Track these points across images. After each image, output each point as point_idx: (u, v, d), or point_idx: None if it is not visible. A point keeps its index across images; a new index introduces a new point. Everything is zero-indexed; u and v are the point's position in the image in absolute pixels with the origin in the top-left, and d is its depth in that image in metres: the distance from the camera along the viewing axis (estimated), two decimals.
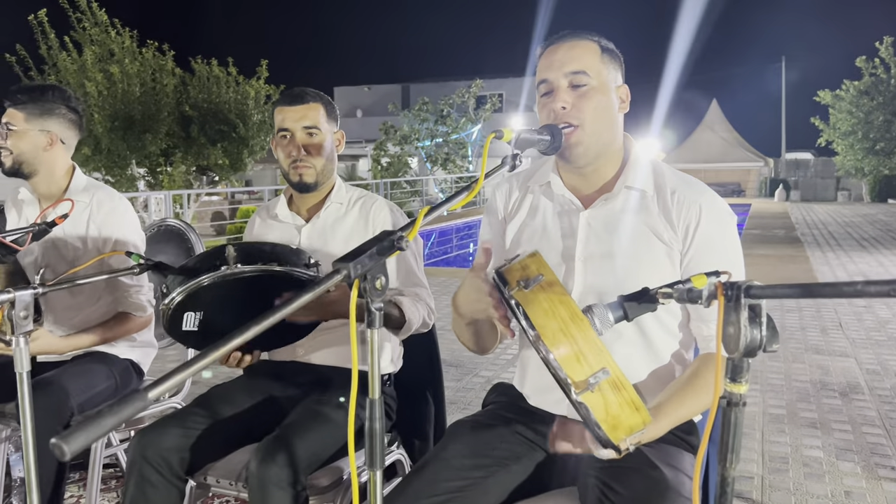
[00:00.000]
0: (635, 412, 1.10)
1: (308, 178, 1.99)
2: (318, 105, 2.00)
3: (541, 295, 1.10)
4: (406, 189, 22.73)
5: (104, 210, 2.27)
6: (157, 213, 11.02)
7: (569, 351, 1.07)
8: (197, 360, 0.83)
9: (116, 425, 0.67)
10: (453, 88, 25.02)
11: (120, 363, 2.37)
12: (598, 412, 1.08)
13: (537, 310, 1.09)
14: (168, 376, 0.75)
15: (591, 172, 1.59)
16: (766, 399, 4.01)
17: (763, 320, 0.90)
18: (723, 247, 1.52)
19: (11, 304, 1.42)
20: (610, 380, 1.07)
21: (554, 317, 1.08)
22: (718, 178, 34.03)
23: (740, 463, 3.01)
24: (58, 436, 0.64)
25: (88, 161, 13.08)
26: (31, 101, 2.22)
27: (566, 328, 1.07)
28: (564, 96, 1.50)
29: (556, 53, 1.52)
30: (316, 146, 1.98)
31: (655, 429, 1.37)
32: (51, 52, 13.14)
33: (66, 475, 2.16)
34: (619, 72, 1.58)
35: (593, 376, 1.06)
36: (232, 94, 14.46)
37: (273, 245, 1.71)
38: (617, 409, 1.08)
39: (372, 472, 1.06)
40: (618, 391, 1.08)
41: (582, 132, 1.50)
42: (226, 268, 1.58)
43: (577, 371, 1.07)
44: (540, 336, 1.07)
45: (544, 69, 1.53)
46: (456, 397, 4.09)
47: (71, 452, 0.64)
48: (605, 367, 1.07)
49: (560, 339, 1.07)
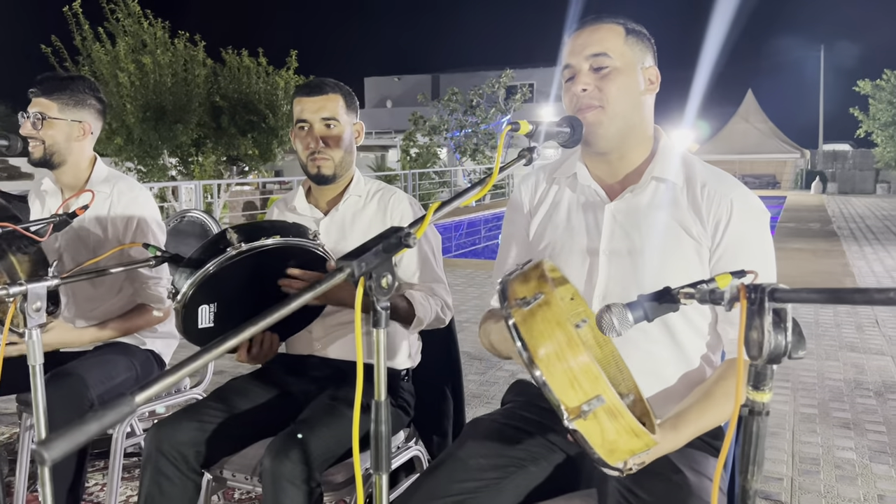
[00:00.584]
0: (634, 438, 1.05)
1: (326, 171, 1.96)
2: (338, 96, 1.97)
3: (538, 315, 1.06)
4: (435, 180, 22.68)
5: (124, 200, 2.27)
6: (187, 202, 11.13)
7: (562, 376, 1.03)
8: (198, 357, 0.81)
9: (100, 431, 0.65)
10: (483, 78, 24.87)
11: (141, 354, 2.37)
12: (594, 438, 1.04)
13: (533, 331, 1.05)
14: (158, 378, 0.72)
15: (616, 159, 1.54)
16: (798, 398, 3.91)
17: (788, 325, 0.85)
18: (754, 246, 1.46)
19: (24, 296, 1.41)
20: (605, 407, 1.02)
21: (550, 340, 1.04)
22: (753, 170, 33.42)
23: (769, 464, 2.95)
24: (39, 442, 0.62)
25: (121, 151, 13.23)
26: (64, 91, 2.22)
27: (561, 352, 1.03)
28: (585, 79, 1.46)
29: (579, 38, 1.50)
30: (334, 138, 1.95)
31: (675, 440, 1.32)
32: (85, 43, 13.29)
33: (86, 465, 2.18)
34: (648, 53, 1.52)
35: (587, 403, 1.02)
36: (262, 85, 14.50)
37: (272, 222, 1.69)
38: (614, 435, 1.04)
39: (378, 476, 1.03)
40: (614, 418, 1.03)
41: (602, 113, 1.46)
42: (230, 249, 1.56)
43: (570, 397, 1.02)
44: (533, 359, 1.03)
45: (568, 54, 1.51)
46: (480, 391, 4.06)
47: (52, 459, 0.61)
48: (599, 394, 1.02)
49: (554, 364, 1.03)
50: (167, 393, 2.46)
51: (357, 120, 2.04)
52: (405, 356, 2.04)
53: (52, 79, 2.23)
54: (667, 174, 1.51)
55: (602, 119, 1.46)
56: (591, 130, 1.46)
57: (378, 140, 32.48)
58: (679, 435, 1.32)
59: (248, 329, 0.86)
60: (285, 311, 0.90)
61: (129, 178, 2.39)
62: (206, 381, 2.67)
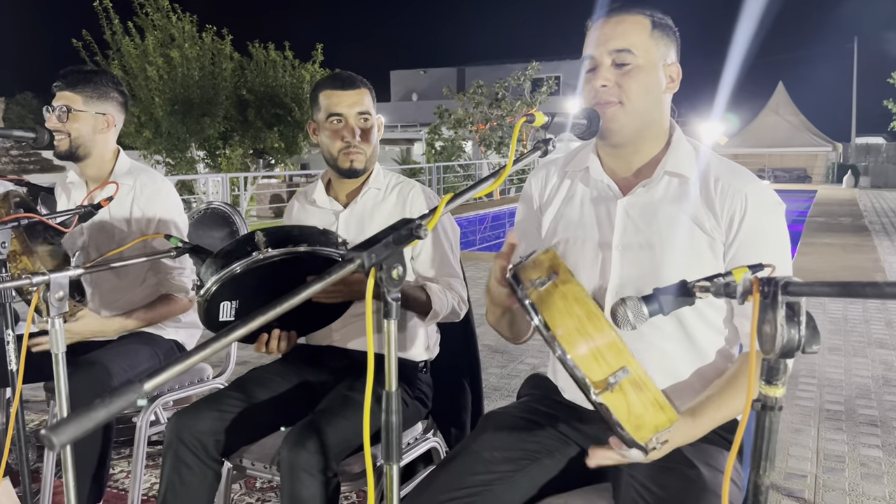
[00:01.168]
0: (660, 411, 1.04)
1: (358, 164, 1.97)
2: (367, 90, 1.99)
3: (556, 293, 1.05)
4: (459, 173, 22.67)
5: (147, 192, 2.30)
6: (214, 195, 11.25)
7: (586, 350, 1.02)
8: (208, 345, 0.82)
9: (108, 418, 0.66)
10: (509, 71, 24.75)
11: (164, 343, 2.41)
12: (620, 412, 1.03)
13: (552, 309, 1.04)
14: (167, 366, 0.73)
15: (631, 153, 1.53)
16: (823, 395, 3.85)
17: (802, 319, 0.84)
18: (769, 239, 1.44)
19: (47, 286, 1.44)
20: (630, 378, 1.02)
21: (570, 316, 1.03)
22: (783, 164, 32.91)
23: (793, 461, 2.91)
24: (47, 427, 0.63)
25: (150, 144, 13.43)
26: (88, 84, 2.26)
27: (582, 327, 1.02)
28: (606, 74, 1.43)
29: (603, 28, 1.46)
30: (369, 132, 1.97)
31: (693, 430, 1.31)
32: (114, 38, 13.49)
33: (110, 452, 2.21)
34: (672, 48, 1.49)
35: (612, 375, 1.01)
36: (288, 79, 14.61)
37: (301, 228, 1.70)
38: (640, 408, 1.03)
39: (388, 467, 1.03)
40: (640, 390, 1.02)
41: (621, 109, 1.44)
42: (257, 253, 1.57)
43: (595, 371, 1.02)
44: (555, 336, 1.02)
45: (590, 44, 1.47)
46: (500, 384, 4.06)
47: (60, 444, 0.63)
48: (624, 365, 1.01)
49: (576, 339, 1.02)
50: (190, 382, 2.49)
51: (378, 115, 2.05)
52: (423, 348, 2.04)
53: (75, 72, 2.26)
54: (680, 168, 1.48)
55: (620, 115, 1.44)
56: (608, 126, 1.45)
57: (403, 133, 32.50)
58: (697, 423, 1.31)
59: (258, 318, 0.87)
60: (295, 301, 0.91)
61: (152, 171, 2.41)
62: (228, 370, 2.70)
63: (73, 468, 1.51)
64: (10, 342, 1.72)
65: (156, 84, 12.92)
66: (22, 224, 1.78)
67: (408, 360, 2.01)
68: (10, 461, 2.67)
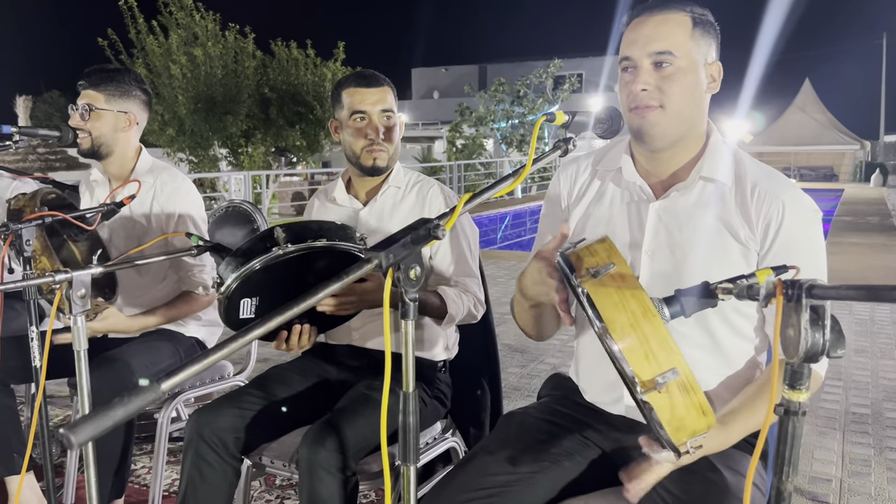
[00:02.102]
0: (702, 416, 1.02)
1: (381, 163, 1.97)
2: (389, 89, 1.99)
3: (611, 285, 1.03)
4: (480, 171, 22.63)
5: (167, 190, 2.32)
6: (236, 192, 11.33)
7: (638, 347, 1.00)
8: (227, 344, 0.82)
9: (126, 417, 0.66)
10: (531, 68, 24.64)
11: (186, 341, 2.43)
12: (663, 413, 1.01)
13: (606, 301, 1.01)
14: (185, 366, 0.73)
15: (668, 157, 1.48)
16: (850, 397, 3.79)
17: (827, 323, 0.82)
18: (805, 248, 1.40)
19: (70, 283, 1.45)
20: (679, 381, 1.00)
21: (624, 310, 1.01)
22: (809, 162, 32.48)
23: (818, 464, 2.87)
24: (66, 426, 0.63)
25: (173, 142, 13.55)
26: (110, 82, 2.28)
27: (636, 323, 1.00)
28: (646, 77, 1.38)
29: (642, 28, 1.40)
30: (392, 130, 1.97)
31: (725, 437, 1.29)
32: (139, 37, 13.63)
33: (131, 447, 2.23)
34: (713, 46, 1.44)
35: (662, 376, 0.99)
36: (310, 77, 14.66)
37: (319, 223, 1.70)
38: (683, 411, 1.01)
39: (405, 468, 1.03)
40: (686, 393, 1.01)
41: (662, 114, 1.39)
42: (277, 248, 1.57)
43: (644, 369, 1.00)
44: (608, 329, 1.00)
45: (628, 45, 1.41)
46: (521, 384, 4.04)
47: (78, 443, 0.63)
48: (675, 367, 0.99)
49: (629, 335, 1.00)
50: (211, 379, 2.51)
51: (399, 112, 2.04)
52: (442, 348, 2.04)
53: (99, 71, 2.28)
54: (715, 174, 1.44)
55: (660, 120, 1.40)
56: (648, 131, 1.41)
57: (424, 131, 32.52)
58: (729, 432, 1.29)
59: (276, 318, 0.87)
60: (310, 302, 0.91)
61: (173, 169, 2.43)
62: (248, 368, 2.71)
63: (95, 464, 1.52)
64: (34, 339, 1.74)
65: (179, 82, 13.04)
66: (46, 222, 1.80)
67: (427, 359, 2.01)
68: (35, 456, 2.71)
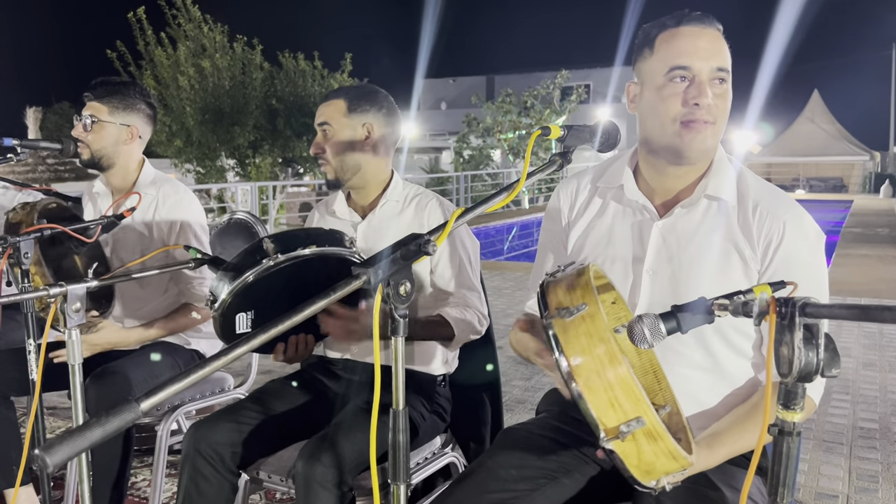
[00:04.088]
0: (672, 461, 1.01)
1: (328, 175, 2.00)
2: (340, 100, 1.97)
3: (581, 328, 1.01)
4: (487, 182, 22.64)
5: (169, 203, 2.32)
6: (243, 203, 11.37)
7: (602, 394, 0.98)
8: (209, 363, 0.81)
9: (103, 437, 0.65)
10: (539, 79, 24.68)
11: (185, 353, 2.42)
12: (630, 459, 1.00)
13: (574, 345, 1.00)
14: (165, 385, 0.72)
15: (681, 174, 1.46)
16: (857, 411, 3.75)
17: (821, 342, 0.81)
18: (805, 269, 1.38)
19: (64, 297, 1.45)
20: (645, 430, 0.98)
21: (590, 355, 0.99)
22: (818, 173, 32.38)
23: (824, 480, 2.84)
24: (41, 447, 0.62)
25: (181, 153, 13.63)
26: (115, 95, 2.29)
27: (602, 370, 0.98)
28: (710, 90, 1.35)
29: (699, 39, 1.36)
30: (329, 143, 1.97)
31: (710, 458, 1.28)
32: (147, 48, 13.74)
33: (130, 460, 2.22)
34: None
35: (626, 424, 0.98)
36: (317, 88, 14.74)
37: (307, 230, 1.70)
38: (651, 457, 1.00)
39: (395, 486, 1.02)
40: (654, 441, 0.99)
41: (712, 130, 1.37)
42: (267, 259, 1.57)
43: (609, 417, 0.98)
44: (573, 374, 0.99)
45: (687, 53, 1.35)
46: (524, 397, 4.02)
47: (53, 465, 0.62)
48: (640, 416, 0.98)
49: (594, 382, 0.98)
50: (211, 392, 2.50)
51: (370, 120, 1.98)
52: (441, 362, 2.02)
53: (105, 83, 2.29)
54: (720, 192, 1.43)
55: (709, 137, 1.38)
56: (697, 146, 1.38)
57: (432, 142, 32.60)
58: (713, 455, 1.27)
59: (267, 331, 0.86)
60: (302, 316, 0.90)
61: (175, 181, 2.43)
62: (249, 381, 2.70)
63: (93, 477, 1.51)
64: (31, 351, 1.74)
65: (187, 93, 13.14)
66: (45, 235, 1.80)
67: (426, 373, 2.00)
68: (35, 467, 2.70)
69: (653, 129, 1.42)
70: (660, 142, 1.41)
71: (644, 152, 1.49)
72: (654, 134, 1.42)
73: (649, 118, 1.42)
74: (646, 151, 1.47)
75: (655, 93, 1.39)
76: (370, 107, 1.99)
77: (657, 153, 1.43)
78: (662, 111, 1.38)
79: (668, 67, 1.36)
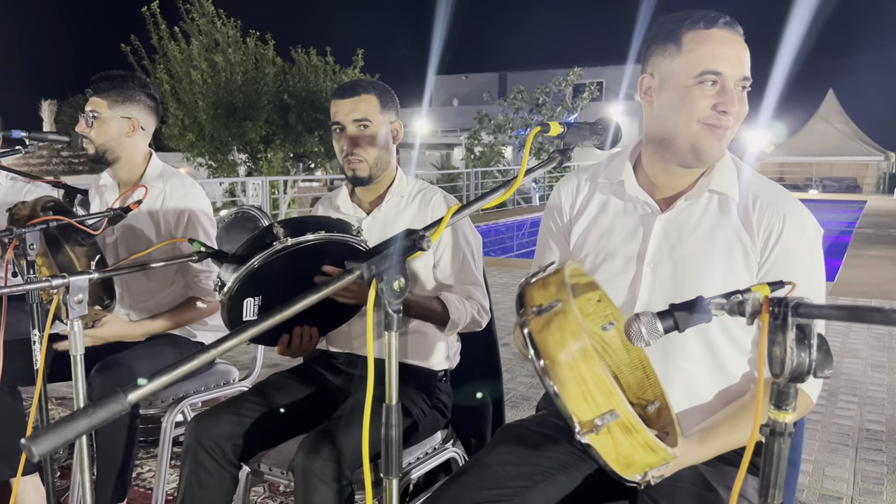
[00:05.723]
0: (651, 453, 1.01)
1: (361, 173, 1.96)
2: (371, 96, 1.95)
3: (553, 324, 1.02)
4: (498, 179, 22.61)
5: (176, 196, 2.33)
6: (254, 198, 11.41)
7: (576, 388, 1.00)
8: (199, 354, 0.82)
9: (90, 428, 0.66)
10: (551, 77, 24.58)
11: (190, 346, 2.43)
12: (608, 453, 1.01)
13: (548, 340, 1.01)
14: (154, 377, 0.73)
15: (686, 172, 1.47)
16: (864, 413, 3.72)
17: (813, 342, 0.80)
18: (803, 263, 1.39)
19: (67, 288, 1.46)
20: (619, 422, 0.99)
21: (563, 350, 1.01)
22: (832, 173, 32.13)
23: (828, 482, 2.82)
24: (27, 437, 0.63)
25: (193, 147, 13.69)
26: (113, 89, 2.30)
27: (575, 364, 1.00)
28: (737, 98, 1.35)
29: (730, 46, 1.35)
30: (367, 138, 1.94)
31: (700, 452, 1.28)
32: (161, 43, 13.80)
33: (134, 451, 2.24)
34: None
35: (600, 418, 0.99)
36: (329, 83, 14.78)
37: (317, 218, 1.71)
38: (629, 450, 1.01)
39: (388, 481, 1.02)
40: (629, 434, 1.00)
41: (728, 136, 1.39)
42: (278, 243, 1.57)
43: (583, 410, 1.00)
44: (546, 370, 1.00)
45: (718, 59, 1.34)
46: (530, 393, 4.02)
47: (39, 454, 0.63)
48: (613, 409, 0.99)
49: (566, 376, 1.00)
50: (216, 385, 2.51)
51: (395, 119, 2.02)
52: (442, 357, 2.02)
53: (104, 78, 2.30)
54: (723, 187, 1.43)
55: (725, 141, 1.39)
56: (715, 151, 1.38)
57: (444, 138, 32.57)
58: (705, 449, 1.27)
59: (268, 320, 0.87)
60: (302, 305, 0.90)
61: (182, 174, 2.44)
62: (254, 374, 2.71)
63: (98, 467, 1.52)
64: (36, 342, 1.75)
65: (200, 88, 13.19)
66: (49, 227, 1.82)
67: (427, 368, 2.00)
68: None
69: (673, 128, 1.40)
70: (679, 140, 1.40)
71: (652, 149, 1.48)
72: (673, 132, 1.40)
73: (670, 116, 1.40)
74: (655, 148, 1.47)
75: (681, 92, 1.37)
76: (393, 104, 2.02)
77: (671, 151, 1.42)
78: (687, 111, 1.37)
79: (700, 71, 1.34)
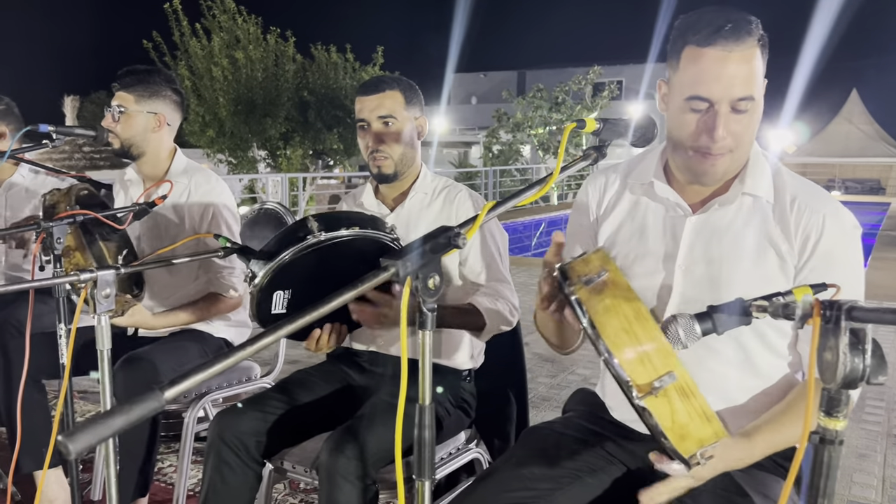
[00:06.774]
0: (706, 422, 0.99)
1: (386, 170, 1.95)
2: (396, 92, 1.93)
3: (605, 291, 1.01)
4: (516, 177, 22.54)
5: (201, 191, 2.33)
6: (273, 194, 11.46)
7: (631, 351, 0.97)
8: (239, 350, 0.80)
9: (126, 426, 0.64)
10: (570, 75, 24.43)
11: (214, 342, 2.43)
12: (664, 420, 0.97)
13: (598, 306, 0.99)
14: (189, 374, 0.71)
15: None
16: (892, 418, 3.66)
17: (867, 347, 0.77)
18: (844, 265, 1.35)
19: (94, 282, 1.45)
20: (677, 385, 0.97)
21: (616, 315, 0.99)
22: (855, 174, 31.71)
23: (857, 488, 2.77)
24: (64, 434, 0.62)
25: (213, 143, 13.78)
26: (140, 84, 2.30)
27: (629, 327, 0.97)
28: (727, 123, 1.29)
29: (725, 65, 1.26)
30: (392, 135, 1.92)
31: (747, 452, 1.24)
32: (182, 39, 13.89)
33: (156, 445, 2.24)
34: (765, 60, 1.33)
35: (658, 380, 0.96)
36: (348, 81, 14.81)
37: (349, 213, 1.69)
38: (685, 417, 0.98)
39: (420, 483, 1.00)
40: (686, 398, 0.97)
41: (730, 157, 1.33)
42: (311, 237, 1.55)
43: (639, 373, 0.97)
44: (600, 334, 0.98)
45: (706, 83, 1.27)
46: (550, 394, 3.99)
47: (76, 452, 0.61)
48: (671, 370, 0.96)
49: (622, 339, 0.97)
50: (238, 381, 2.51)
51: (420, 114, 2.00)
52: (467, 356, 2.00)
53: (131, 72, 2.30)
54: (757, 189, 1.39)
55: (727, 163, 1.34)
56: (710, 171, 1.34)
57: (462, 136, 32.52)
58: (751, 446, 1.24)
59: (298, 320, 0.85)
60: (333, 305, 0.89)
61: (207, 170, 2.44)
62: (276, 370, 2.71)
63: (120, 461, 1.52)
64: (62, 336, 1.75)
65: (220, 84, 13.28)
66: (78, 220, 1.82)
67: (452, 367, 1.98)
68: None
69: (676, 141, 1.37)
70: (679, 157, 1.39)
71: (672, 153, 1.45)
72: (676, 146, 1.39)
73: (675, 129, 1.37)
74: (673, 152, 1.44)
75: (676, 112, 1.34)
76: (417, 100, 1.99)
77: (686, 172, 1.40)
78: (678, 135, 1.35)
79: (688, 95, 1.30)
